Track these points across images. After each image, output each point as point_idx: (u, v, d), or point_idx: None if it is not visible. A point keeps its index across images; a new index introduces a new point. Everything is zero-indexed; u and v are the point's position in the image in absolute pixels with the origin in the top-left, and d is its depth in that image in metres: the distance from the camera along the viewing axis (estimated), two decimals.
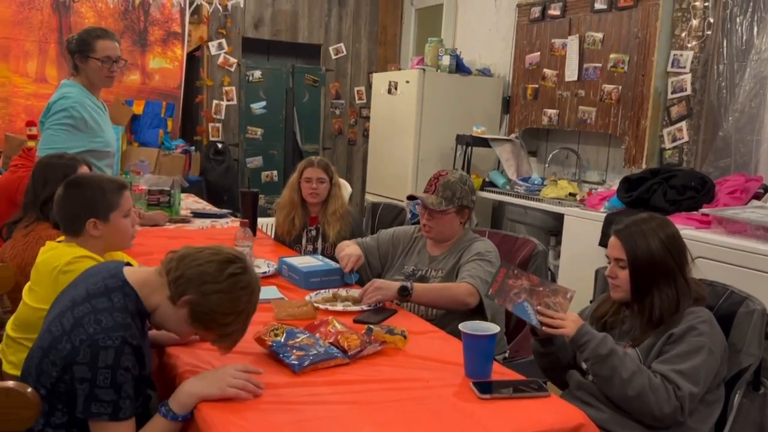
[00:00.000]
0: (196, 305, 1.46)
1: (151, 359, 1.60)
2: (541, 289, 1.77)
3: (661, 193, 3.48)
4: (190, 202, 4.13)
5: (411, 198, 2.62)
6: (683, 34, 3.98)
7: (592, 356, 1.72)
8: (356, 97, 6.82)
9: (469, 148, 4.97)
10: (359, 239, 2.73)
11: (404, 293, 2.18)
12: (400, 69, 5.83)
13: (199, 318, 1.48)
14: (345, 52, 6.70)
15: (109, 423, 1.37)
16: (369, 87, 6.55)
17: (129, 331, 1.41)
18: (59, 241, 1.93)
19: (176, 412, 1.42)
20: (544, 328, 1.74)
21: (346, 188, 4.83)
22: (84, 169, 2.35)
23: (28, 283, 1.90)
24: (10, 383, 1.26)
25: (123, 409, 1.38)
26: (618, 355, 1.70)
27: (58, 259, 1.79)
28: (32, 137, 4.86)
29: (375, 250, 2.65)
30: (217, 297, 1.46)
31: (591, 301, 2.19)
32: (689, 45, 3.95)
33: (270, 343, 1.68)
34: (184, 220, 3.50)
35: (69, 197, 1.91)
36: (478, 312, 2.24)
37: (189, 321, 1.48)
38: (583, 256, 3.76)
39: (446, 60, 5.22)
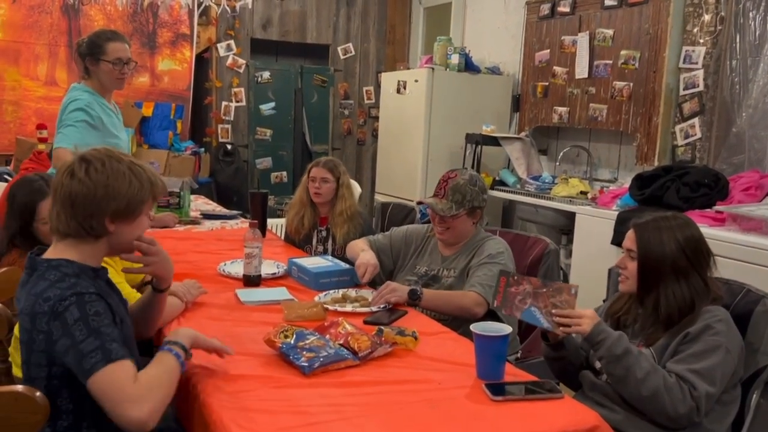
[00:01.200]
0: (115, 211, 1.46)
1: (130, 319, 1.60)
2: (544, 290, 1.74)
3: (674, 191, 3.44)
4: (199, 204, 4.13)
5: (421, 203, 2.60)
6: (695, 30, 3.93)
7: (607, 355, 1.70)
8: (365, 97, 6.80)
9: (479, 146, 4.94)
10: (371, 237, 2.72)
11: (414, 297, 2.17)
12: (408, 68, 5.81)
13: (121, 212, 1.47)
14: (353, 52, 6.68)
15: (106, 369, 1.30)
16: (378, 87, 6.54)
17: (77, 287, 1.38)
18: None
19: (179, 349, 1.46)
20: (561, 329, 1.72)
21: (355, 189, 4.82)
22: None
23: None
24: (19, 387, 1.25)
25: (113, 351, 1.33)
26: (633, 355, 1.67)
27: None
28: (42, 140, 4.89)
29: (387, 248, 2.63)
30: (104, 187, 1.44)
31: (604, 300, 2.16)
32: (701, 40, 3.90)
33: (280, 345, 1.67)
34: (194, 222, 3.50)
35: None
36: (490, 314, 2.22)
37: (117, 225, 1.48)
38: (596, 254, 3.72)
39: (455, 59, 5.19)
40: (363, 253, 2.49)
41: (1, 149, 5.29)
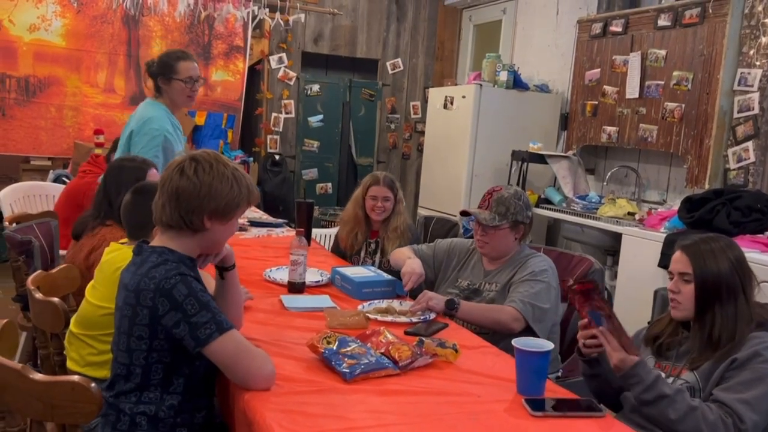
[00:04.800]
0: (214, 210, 1.58)
1: None
2: (617, 324, 1.71)
3: (724, 215, 3.37)
4: (247, 211, 4.21)
5: (464, 214, 2.60)
6: (751, 52, 3.86)
7: (638, 398, 1.68)
8: (412, 112, 6.85)
9: (525, 164, 4.92)
10: (415, 246, 2.73)
11: (451, 307, 2.18)
12: (456, 84, 5.83)
13: (219, 212, 1.59)
14: (402, 67, 6.74)
15: (221, 338, 1.48)
16: (425, 102, 6.57)
17: (181, 268, 1.53)
18: (123, 243, 2.00)
19: None
20: (589, 347, 1.71)
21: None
22: (153, 172, 2.43)
23: (92, 282, 1.97)
24: (75, 378, 1.31)
25: (224, 321, 1.51)
26: (667, 398, 1.63)
27: (121, 261, 1.85)
28: (99, 145, 5.06)
29: (431, 259, 2.65)
30: (207, 187, 1.56)
31: (649, 323, 2.13)
32: (758, 63, 3.83)
33: (322, 351, 1.70)
34: (242, 228, 3.57)
35: (136, 204, 1.99)
36: (528, 331, 2.21)
37: (213, 223, 1.60)
38: (642, 276, 3.66)
39: (503, 75, 5.19)
40: (409, 260, 2.51)
41: (60, 152, 5.49)
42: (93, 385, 1.28)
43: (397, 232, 3.02)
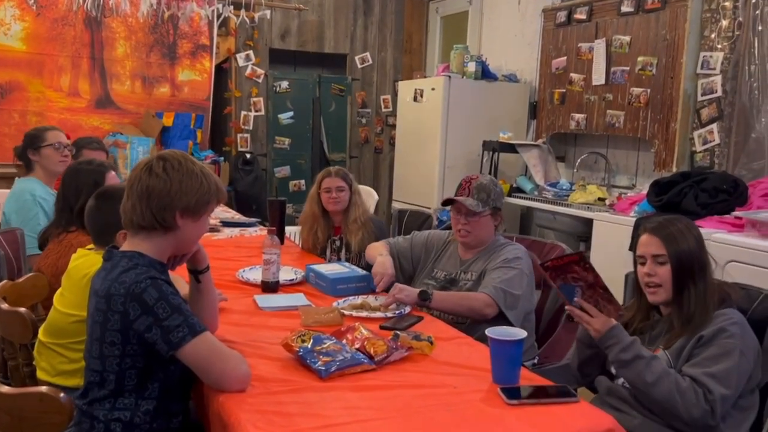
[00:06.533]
0: (185, 206, 1.58)
1: None
2: (600, 291, 1.74)
3: (692, 197, 3.42)
4: (218, 212, 4.17)
5: (448, 202, 2.53)
6: (713, 35, 3.92)
7: (616, 360, 1.72)
8: (382, 106, 6.84)
9: (496, 154, 4.95)
10: (391, 240, 2.74)
11: (425, 298, 2.19)
12: (425, 77, 5.84)
13: (190, 208, 1.59)
14: (371, 61, 6.73)
15: (193, 341, 1.48)
16: (395, 95, 6.57)
17: (151, 272, 1.52)
18: (90, 249, 1.97)
19: None
20: (576, 315, 1.74)
21: (372, 196, 4.85)
22: (112, 175, 2.40)
23: (60, 289, 1.94)
24: (43, 388, 1.29)
25: (197, 324, 1.50)
26: (643, 359, 1.68)
27: (89, 267, 1.82)
28: None
29: (408, 251, 2.65)
30: (178, 184, 1.57)
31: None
32: (719, 46, 3.88)
33: (297, 349, 1.69)
34: (213, 229, 3.54)
35: (99, 209, 1.96)
36: (506, 319, 2.23)
37: (185, 220, 1.59)
38: (613, 261, 3.69)
39: (472, 66, 5.20)
40: (380, 258, 2.50)
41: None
42: (62, 395, 1.26)
43: (358, 223, 3.01)
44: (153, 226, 1.57)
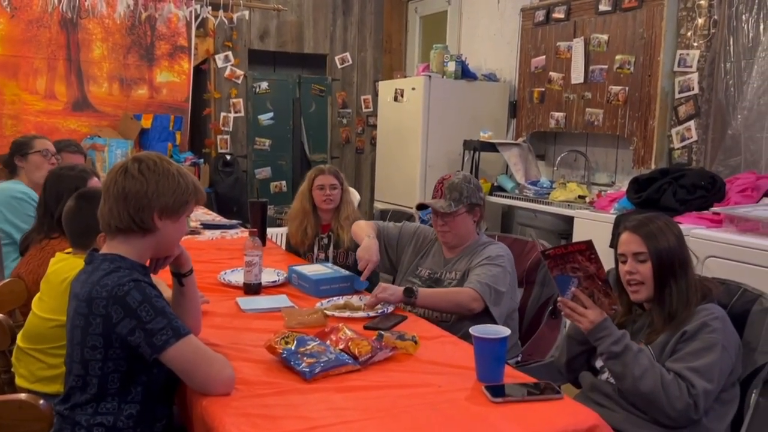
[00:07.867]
0: (163, 207, 1.56)
1: None
2: (600, 284, 1.75)
3: (671, 193, 3.46)
4: (199, 214, 4.14)
5: (421, 207, 2.61)
6: (689, 33, 3.96)
7: (606, 352, 1.73)
8: (363, 106, 6.83)
9: (477, 153, 4.97)
10: (380, 223, 2.75)
11: (409, 295, 2.19)
12: (405, 76, 5.84)
13: (168, 208, 1.57)
14: (351, 62, 6.72)
15: (178, 344, 1.46)
16: (375, 95, 6.57)
17: (134, 274, 1.51)
18: (68, 253, 1.94)
19: None
20: (563, 313, 1.75)
21: (354, 196, 4.84)
22: (95, 181, 2.37)
23: (38, 294, 1.91)
24: (22, 396, 1.27)
25: (181, 327, 1.49)
26: (632, 352, 1.70)
27: (68, 271, 1.80)
28: None
29: (395, 239, 2.67)
30: (154, 184, 1.56)
31: None
32: (695, 44, 3.93)
33: (281, 351, 1.68)
34: (194, 232, 3.51)
35: (78, 210, 1.93)
36: (489, 316, 2.24)
37: (163, 221, 1.58)
38: None
39: (451, 66, 5.22)
40: (367, 239, 2.52)
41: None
42: (42, 402, 1.24)
43: (350, 220, 3.03)
44: (131, 228, 1.55)
